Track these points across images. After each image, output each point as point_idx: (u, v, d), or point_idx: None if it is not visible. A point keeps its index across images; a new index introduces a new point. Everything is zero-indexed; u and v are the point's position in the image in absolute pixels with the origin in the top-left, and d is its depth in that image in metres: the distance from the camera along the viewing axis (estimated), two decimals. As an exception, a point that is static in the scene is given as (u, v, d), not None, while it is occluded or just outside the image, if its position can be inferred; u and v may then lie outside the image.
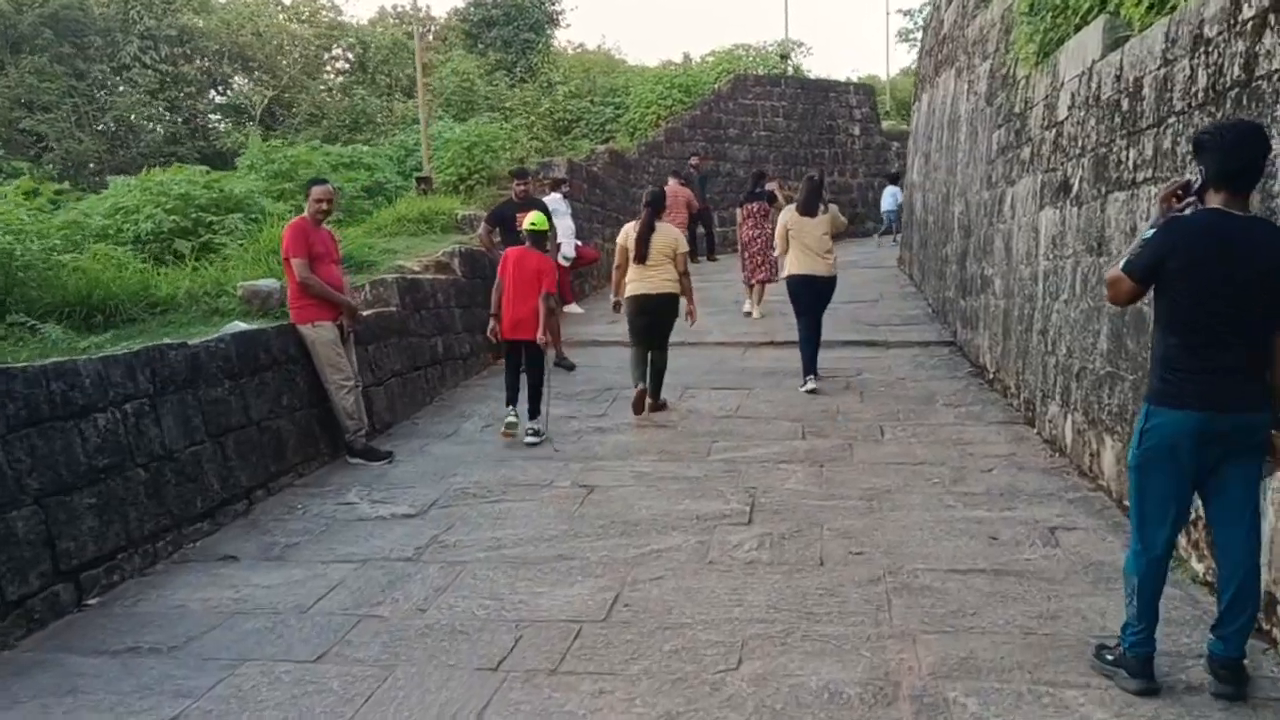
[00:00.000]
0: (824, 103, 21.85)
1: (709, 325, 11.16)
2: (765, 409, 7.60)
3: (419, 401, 7.95)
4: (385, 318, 7.64)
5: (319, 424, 6.40)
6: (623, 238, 7.70)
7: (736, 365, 9.41)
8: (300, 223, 6.36)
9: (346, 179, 13.15)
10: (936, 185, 12.30)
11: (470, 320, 9.34)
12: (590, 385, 8.66)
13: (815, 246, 8.19)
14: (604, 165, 16.22)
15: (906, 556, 4.46)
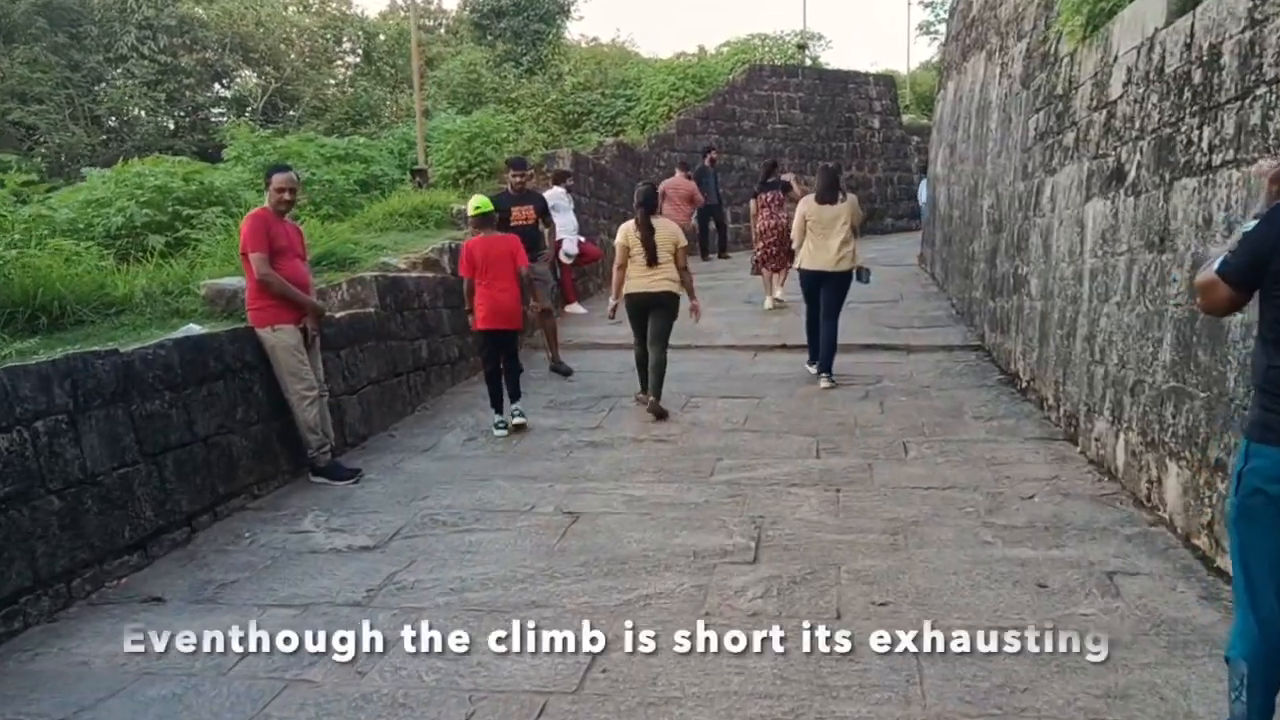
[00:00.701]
0: (843, 94, 21.09)
1: (717, 326, 10.49)
2: (776, 421, 6.91)
3: (398, 411, 7.30)
4: (362, 319, 7.00)
5: (279, 439, 5.76)
6: (622, 237, 7.30)
7: (746, 371, 8.73)
8: (260, 214, 5.73)
9: (340, 172, 12.55)
10: (963, 178, 11.56)
11: (459, 321, 8.68)
12: (587, 393, 7.99)
13: (833, 237, 8.00)
14: (612, 159, 15.56)
15: (940, 609, 3.77)
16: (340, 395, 6.51)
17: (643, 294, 7.17)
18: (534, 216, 8.55)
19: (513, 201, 8.58)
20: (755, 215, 11.78)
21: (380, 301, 7.32)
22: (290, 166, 6.11)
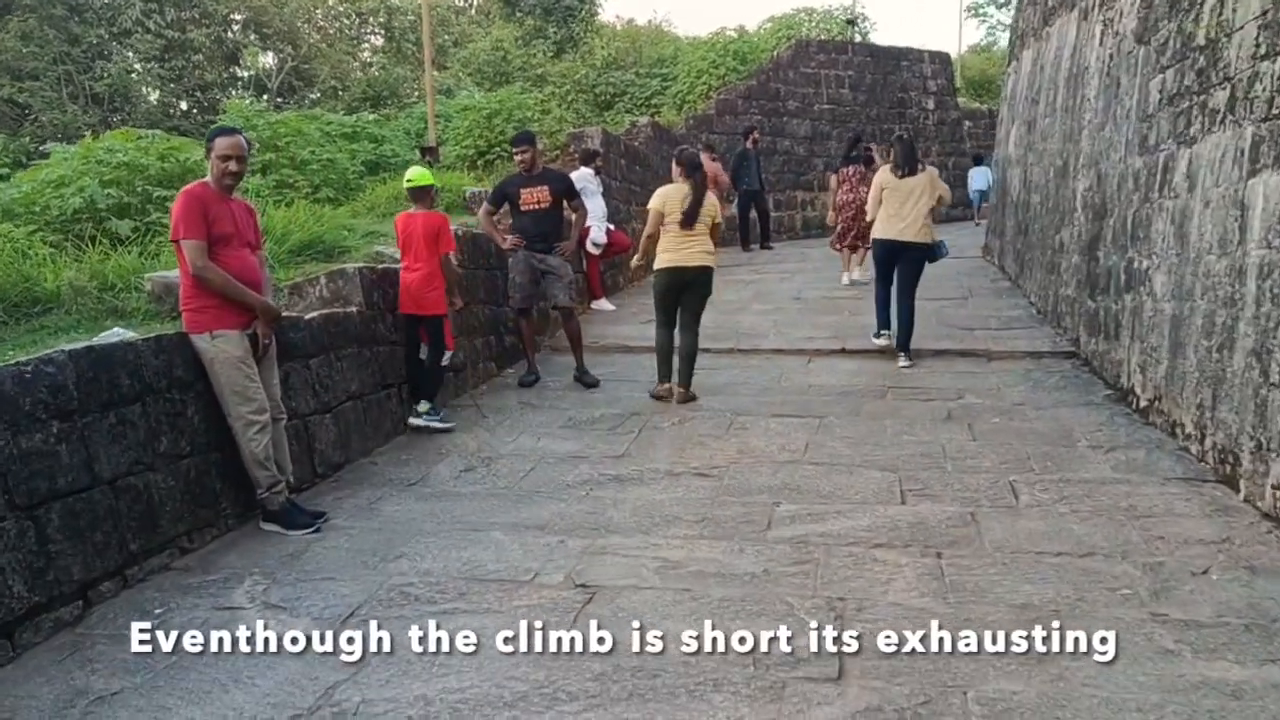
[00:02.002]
0: (895, 72, 19.61)
1: (763, 326, 9.21)
2: (845, 449, 5.61)
3: (385, 431, 6.10)
4: (340, 321, 5.79)
5: (221, 474, 4.57)
6: (658, 200, 6.74)
7: (801, 382, 7.42)
8: (197, 190, 4.53)
9: (347, 151, 11.40)
10: (1045, 157, 10.14)
11: (468, 320, 7.49)
12: (613, 408, 6.74)
13: (909, 209, 7.68)
14: (646, 139, 14.28)
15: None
16: (309, 416, 5.31)
17: (680, 268, 6.61)
18: (549, 200, 7.29)
19: (523, 183, 7.33)
20: (835, 190, 11.32)
21: (365, 299, 6.11)
22: (239, 130, 4.89)
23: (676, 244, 6.63)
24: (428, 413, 6.17)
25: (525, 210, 7.30)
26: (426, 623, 3.43)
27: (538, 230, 7.30)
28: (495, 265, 8.07)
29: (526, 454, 5.69)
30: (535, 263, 7.35)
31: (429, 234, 6.19)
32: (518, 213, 7.38)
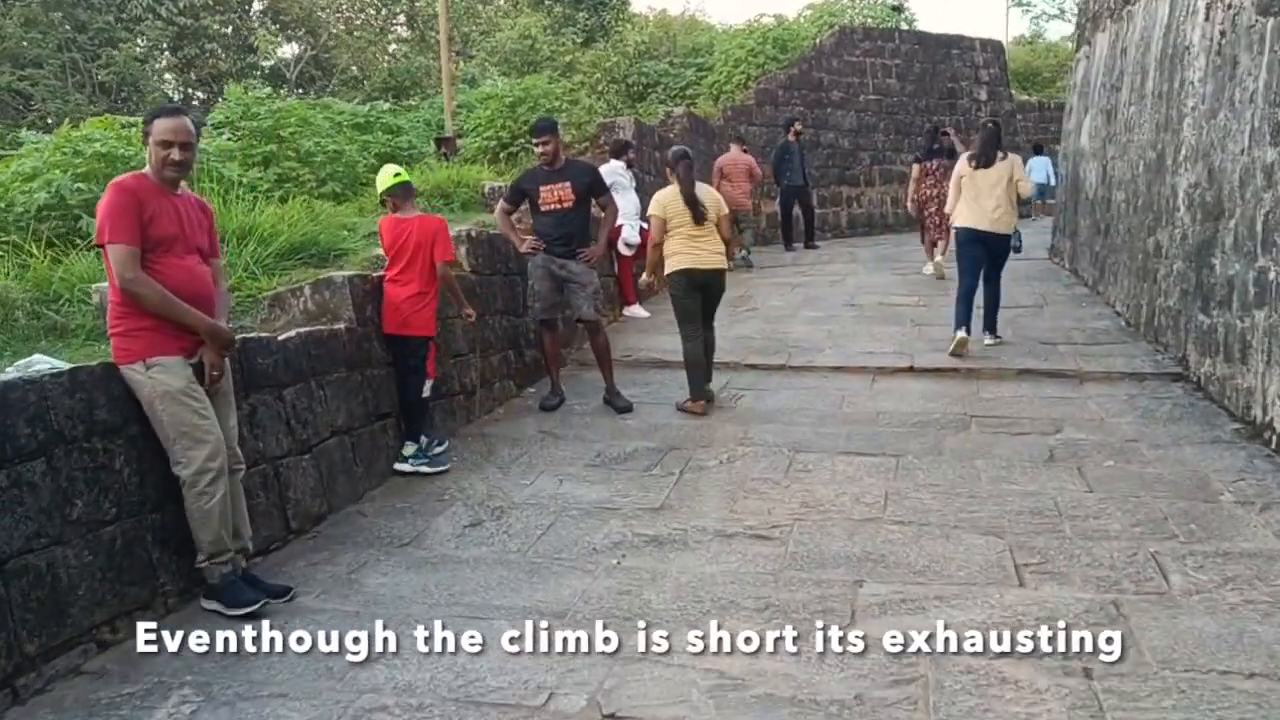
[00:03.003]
0: (945, 61, 18.44)
1: (816, 338, 8.19)
2: (933, 503, 4.59)
3: (378, 471, 5.15)
4: (324, 341, 4.85)
5: (160, 540, 3.64)
6: (658, 208, 6.27)
7: (866, 408, 6.39)
8: (131, 183, 3.60)
9: (358, 143, 10.51)
10: (1132, 150, 9.01)
11: (483, 335, 6.54)
12: (647, 440, 5.75)
13: (989, 198, 7.42)
14: (681, 131, 13.25)
15: None
16: (281, 459, 4.38)
17: (694, 270, 6.20)
18: (571, 198, 6.32)
19: (543, 178, 6.36)
20: (918, 182, 11.03)
21: (356, 313, 5.17)
22: (183, 110, 3.95)
23: (688, 244, 6.22)
24: (415, 456, 5.22)
25: (546, 210, 6.34)
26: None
27: (559, 232, 6.34)
28: (515, 270, 7.11)
29: (545, 503, 4.72)
30: (556, 269, 6.39)
31: (426, 240, 5.27)
32: (537, 213, 6.42)
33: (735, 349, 8.03)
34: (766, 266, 12.64)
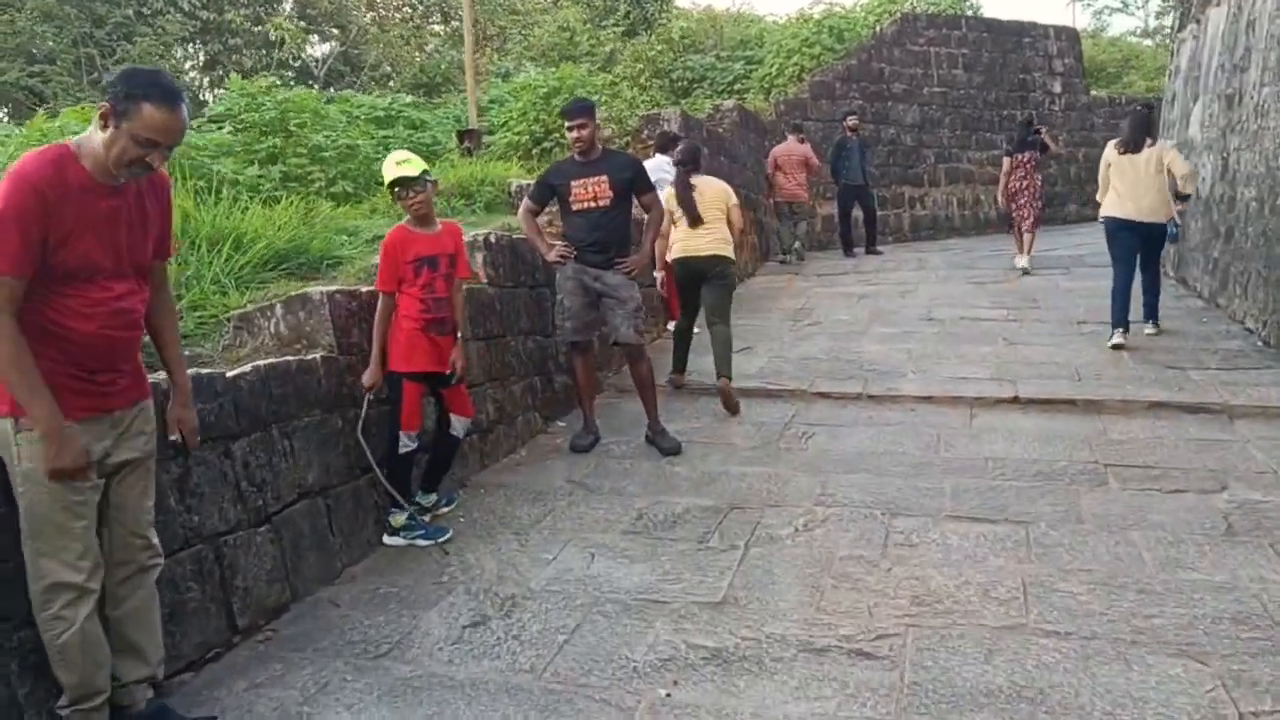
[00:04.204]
0: (1015, 51, 17.06)
1: (896, 359, 7.02)
2: (1093, 603, 3.40)
3: (364, 540, 4.08)
4: (292, 377, 3.79)
5: (28, 666, 2.60)
6: (667, 200, 6.14)
7: (970, 452, 5.20)
8: (42, 176, 2.41)
9: (376, 139, 9.53)
10: (1266, 139, 7.70)
11: (502, 360, 5.47)
12: (701, 496, 4.62)
13: (1140, 185, 7.10)
14: (731, 126, 12.10)
15: None
16: (225, 535, 3.32)
17: (689, 258, 6.17)
18: (609, 195, 5.22)
19: (576, 172, 5.26)
20: (1008, 175, 10.64)
21: (339, 340, 4.11)
22: (183, 97, 2.80)
23: (685, 234, 6.17)
24: (405, 527, 4.14)
25: (578, 209, 5.24)
26: None
27: (594, 236, 5.24)
28: (543, 281, 6.04)
29: (571, 590, 3.61)
30: (589, 280, 5.30)
31: (454, 255, 4.28)
32: (568, 213, 5.32)
33: (801, 373, 6.88)
34: (826, 274, 11.45)
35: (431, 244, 4.14)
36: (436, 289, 4.12)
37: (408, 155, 4.21)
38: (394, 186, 4.18)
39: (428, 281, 4.09)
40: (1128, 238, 7.15)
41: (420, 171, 4.19)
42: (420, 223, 4.15)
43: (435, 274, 4.12)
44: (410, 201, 4.14)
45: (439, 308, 4.14)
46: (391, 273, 4.04)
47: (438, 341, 4.13)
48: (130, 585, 2.68)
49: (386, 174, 4.21)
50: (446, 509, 4.43)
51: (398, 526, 4.11)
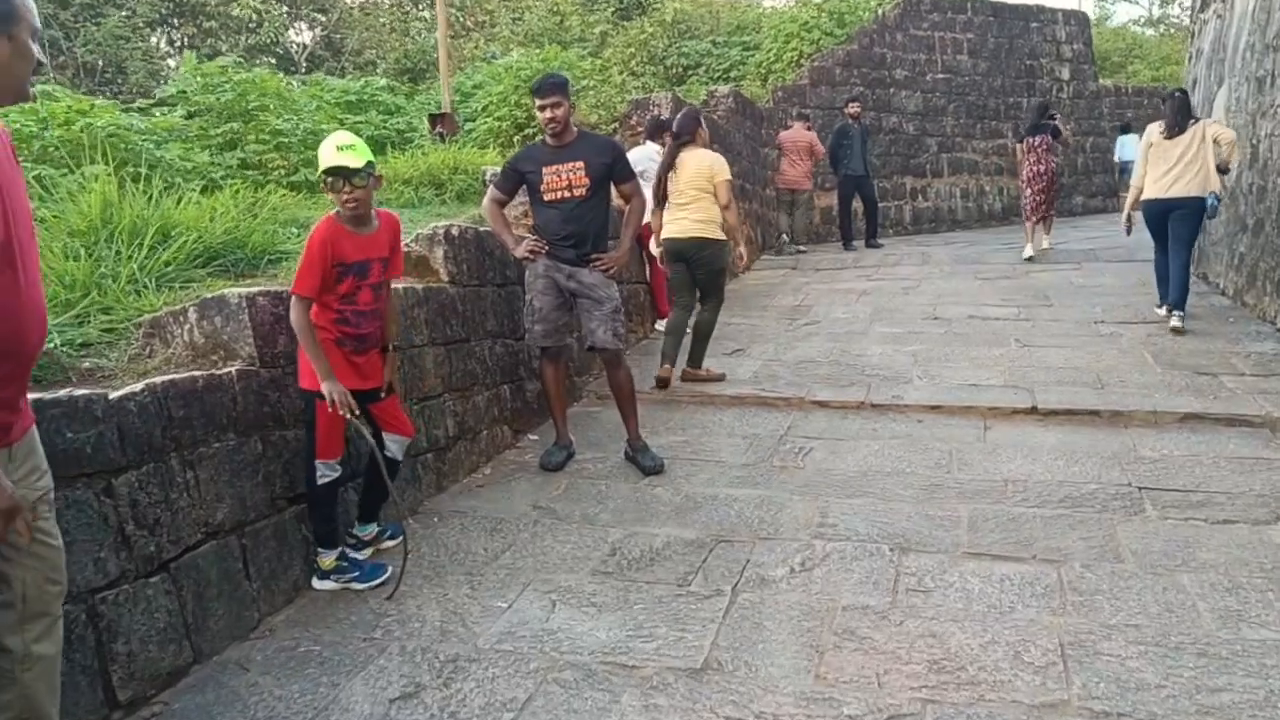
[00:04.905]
0: (1023, 36, 16.46)
1: (900, 364, 6.46)
2: (1145, 671, 2.83)
3: (290, 583, 3.51)
4: (197, 396, 3.21)
5: None
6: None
7: (987, 472, 4.64)
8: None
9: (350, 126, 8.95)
10: (1302, 124, 7.14)
11: (465, 367, 4.90)
12: (684, 524, 4.06)
13: (1180, 165, 6.99)
14: (727, 112, 11.50)
15: None
16: (105, 592, 2.75)
17: (669, 239, 6.01)
18: (585, 182, 4.65)
19: (547, 157, 4.70)
20: (1021, 161, 10.57)
21: (261, 350, 3.54)
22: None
23: (671, 213, 6.01)
24: (337, 569, 3.57)
25: (550, 199, 4.67)
26: None
27: (568, 230, 4.67)
28: (513, 279, 5.47)
29: (524, 651, 3.05)
30: (562, 279, 4.73)
31: (391, 251, 3.67)
32: (540, 203, 4.75)
33: (798, 378, 6.32)
34: (825, 268, 10.89)
35: (364, 247, 3.54)
36: (359, 301, 3.51)
37: (351, 140, 3.59)
38: (329, 175, 3.54)
39: (349, 292, 3.48)
40: (1163, 218, 7.15)
41: (364, 162, 3.59)
42: (356, 221, 3.55)
43: (361, 284, 3.51)
44: (347, 197, 3.49)
45: (360, 322, 3.53)
46: (317, 275, 3.43)
47: (354, 360, 3.54)
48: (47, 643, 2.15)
49: (323, 159, 3.57)
50: (390, 543, 3.87)
51: (328, 568, 3.55)
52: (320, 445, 3.46)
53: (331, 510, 3.56)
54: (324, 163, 3.52)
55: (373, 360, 3.61)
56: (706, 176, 5.83)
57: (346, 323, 3.50)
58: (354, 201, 3.50)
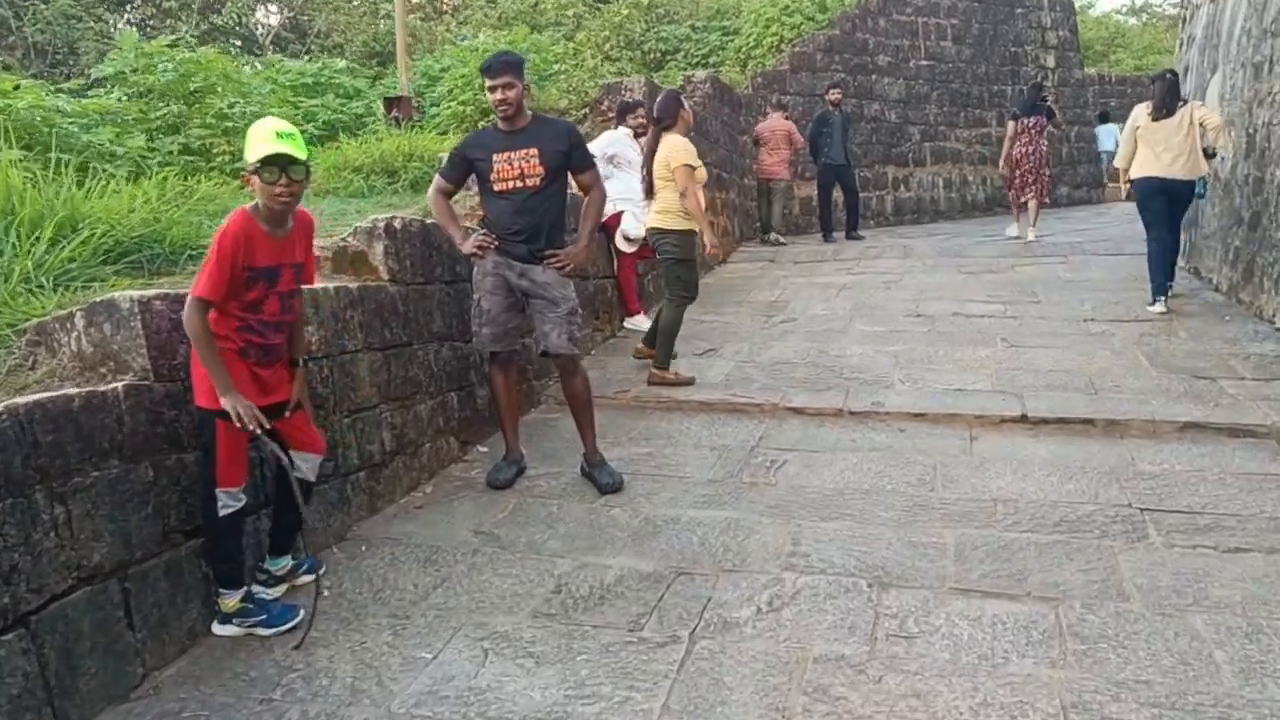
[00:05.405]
0: (1007, 22, 16.09)
1: (881, 365, 6.09)
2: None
3: (184, 629, 3.07)
4: (70, 418, 2.76)
5: None
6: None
7: (974, 490, 4.25)
8: None
9: (304, 111, 8.47)
10: (1304, 113, 6.79)
11: (405, 374, 4.47)
12: (641, 554, 3.65)
13: (1171, 149, 6.97)
14: (704, 99, 11.04)
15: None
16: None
17: (649, 230, 5.93)
18: (539, 172, 4.23)
19: (497, 144, 4.26)
20: (1013, 139, 10.43)
21: (156, 362, 3.09)
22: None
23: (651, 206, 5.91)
24: (241, 612, 3.14)
25: (501, 190, 4.25)
26: None
27: (520, 223, 4.25)
28: (464, 275, 5.02)
29: (444, 717, 2.64)
30: (513, 277, 4.31)
31: (306, 251, 3.24)
32: (490, 193, 4.32)
33: (773, 381, 5.93)
34: (803, 261, 10.50)
35: (278, 251, 3.10)
36: (266, 310, 3.09)
37: (292, 128, 3.13)
38: (267, 164, 3.04)
39: (257, 300, 3.05)
40: (1163, 201, 7.06)
41: (307, 154, 3.15)
42: (275, 221, 3.11)
43: (270, 291, 3.08)
44: (282, 191, 3.02)
45: (266, 333, 3.10)
46: (225, 276, 2.99)
47: (259, 374, 3.11)
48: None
49: (259, 145, 3.05)
50: (307, 578, 3.44)
51: (230, 611, 3.12)
52: (221, 471, 3.03)
53: (235, 545, 3.13)
54: (261, 149, 3.02)
55: (279, 374, 3.18)
56: (665, 163, 5.60)
57: (251, 331, 3.07)
58: (290, 197, 3.07)
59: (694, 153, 5.66)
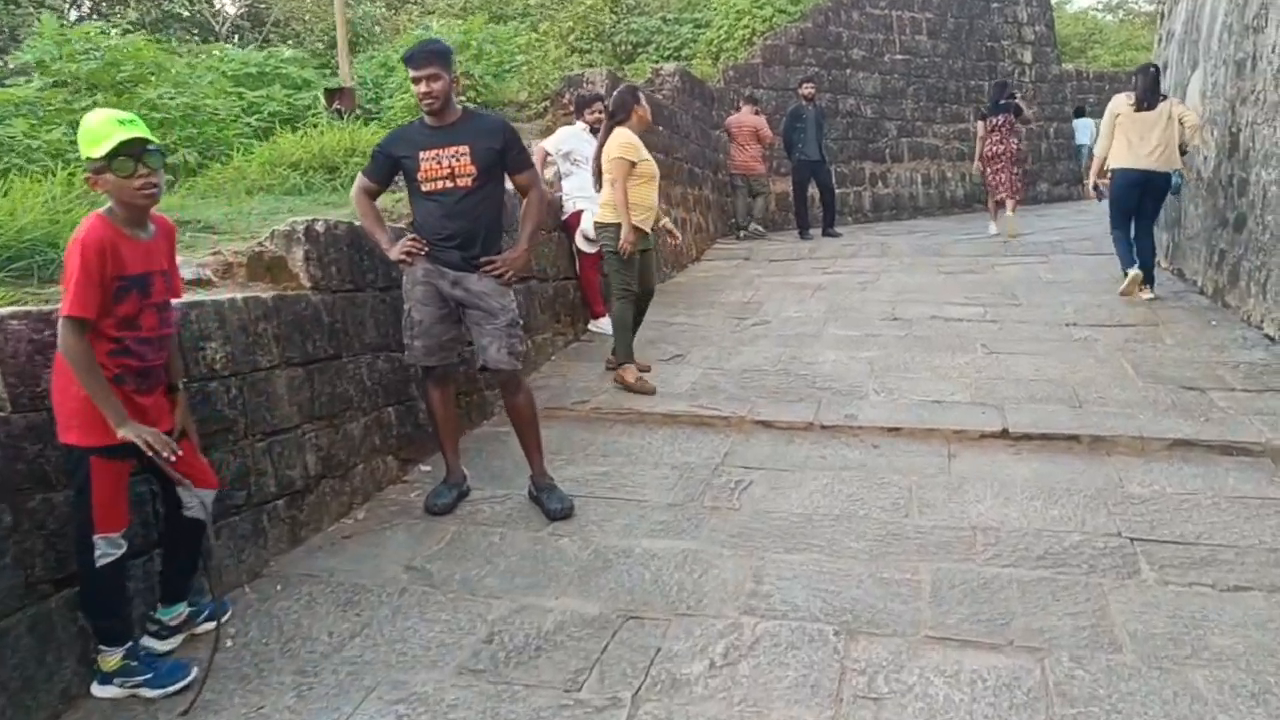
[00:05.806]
0: (983, 16, 15.83)
1: (855, 373, 5.76)
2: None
3: (52, 698, 2.68)
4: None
5: None
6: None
7: (952, 517, 3.92)
8: None
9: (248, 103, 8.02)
10: (1293, 110, 6.51)
11: (332, 390, 4.08)
12: (586, 593, 3.29)
13: (1150, 141, 7.00)
14: (673, 92, 10.71)
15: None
16: None
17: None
18: (470, 171, 3.86)
19: (423, 141, 3.89)
20: (983, 139, 10.56)
21: (15, 391, 2.70)
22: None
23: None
24: (122, 670, 2.76)
25: (430, 190, 3.87)
26: None
27: (452, 228, 3.88)
28: (396, 282, 4.64)
29: (344, 804, 2.28)
30: (446, 286, 3.94)
31: (169, 258, 2.86)
32: (418, 195, 3.94)
33: (741, 390, 5.59)
34: (778, 259, 10.17)
35: (145, 256, 2.72)
36: (143, 325, 2.71)
37: (130, 115, 2.76)
38: (118, 156, 2.67)
39: (132, 314, 2.67)
40: (1137, 195, 7.16)
41: (158, 140, 2.78)
42: (135, 222, 2.72)
43: (145, 303, 2.70)
44: (143, 182, 2.65)
45: (145, 353, 2.72)
46: (95, 289, 2.60)
47: (139, 402, 2.73)
48: None
49: (101, 137, 2.67)
50: (209, 625, 3.05)
51: (111, 669, 2.73)
52: (99, 516, 2.64)
53: (117, 598, 2.74)
54: (106, 142, 2.65)
55: (159, 402, 2.80)
56: (606, 157, 5.42)
57: (128, 353, 2.68)
58: (153, 188, 2.69)
59: (635, 147, 5.38)
